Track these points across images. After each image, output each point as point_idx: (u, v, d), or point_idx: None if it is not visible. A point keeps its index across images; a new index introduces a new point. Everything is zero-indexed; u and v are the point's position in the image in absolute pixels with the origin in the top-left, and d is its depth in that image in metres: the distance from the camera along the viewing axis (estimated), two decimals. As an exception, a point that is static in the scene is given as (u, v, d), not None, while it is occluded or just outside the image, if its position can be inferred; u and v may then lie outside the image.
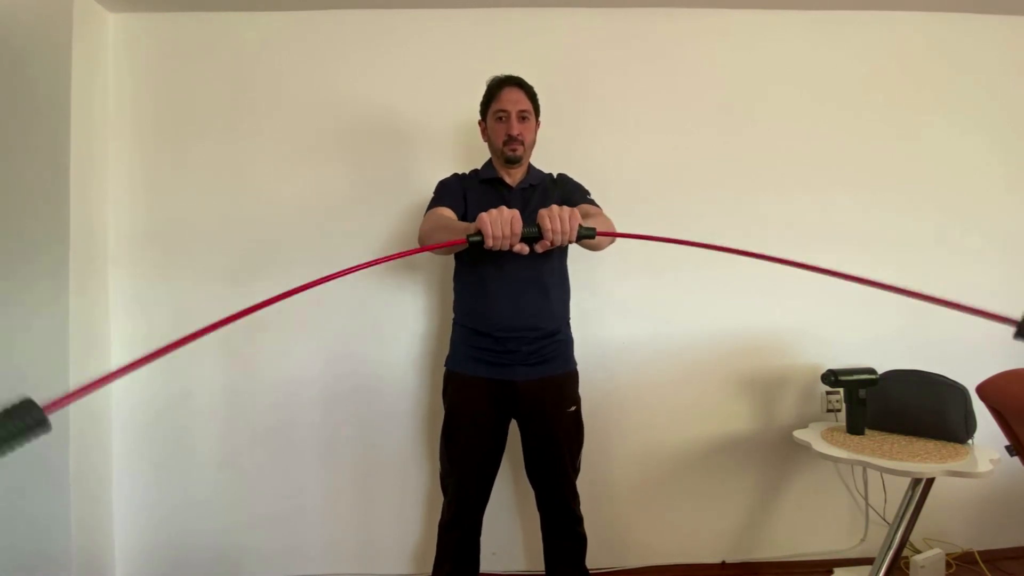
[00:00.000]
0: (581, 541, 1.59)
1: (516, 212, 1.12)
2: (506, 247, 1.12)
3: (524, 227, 1.13)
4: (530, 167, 1.65)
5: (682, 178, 2.05)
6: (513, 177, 1.61)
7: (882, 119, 2.10)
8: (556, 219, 1.12)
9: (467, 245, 1.14)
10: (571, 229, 1.13)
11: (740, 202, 2.05)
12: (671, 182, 2.04)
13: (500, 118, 1.57)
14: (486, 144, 1.66)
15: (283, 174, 1.99)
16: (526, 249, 1.15)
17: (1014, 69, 2.14)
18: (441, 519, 1.59)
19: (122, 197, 1.97)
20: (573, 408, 1.58)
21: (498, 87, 1.58)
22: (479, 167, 1.67)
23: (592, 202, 1.60)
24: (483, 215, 1.11)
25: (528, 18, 2.03)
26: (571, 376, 1.61)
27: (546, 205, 1.55)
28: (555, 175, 1.70)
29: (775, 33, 2.08)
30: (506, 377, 1.51)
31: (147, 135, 1.99)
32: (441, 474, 1.62)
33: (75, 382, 1.78)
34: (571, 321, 1.65)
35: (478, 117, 1.66)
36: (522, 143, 1.55)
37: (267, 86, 2.00)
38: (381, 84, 2.01)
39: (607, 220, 1.47)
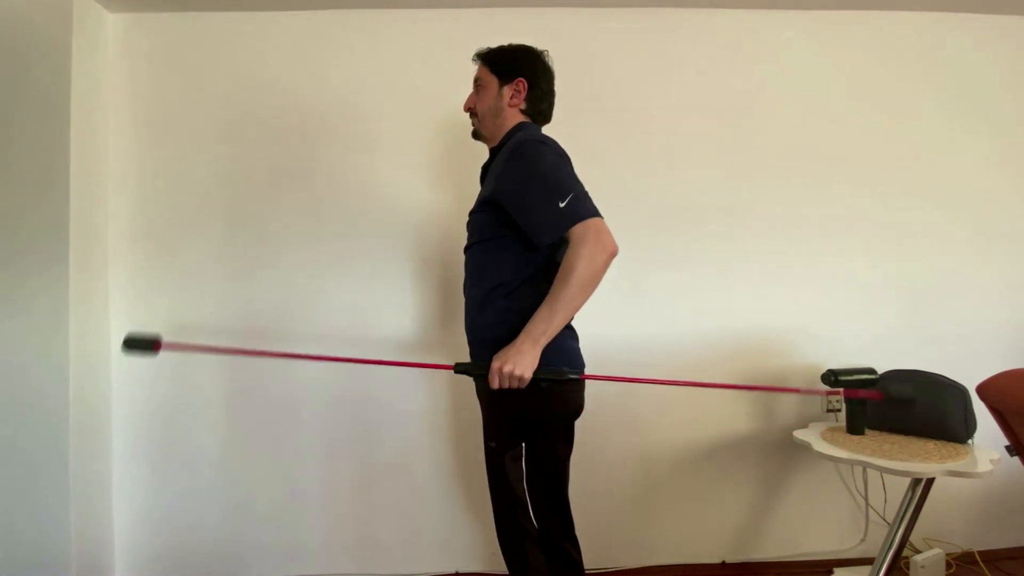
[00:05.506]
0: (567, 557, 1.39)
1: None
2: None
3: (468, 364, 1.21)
4: (507, 135, 1.39)
5: (681, 177, 2.04)
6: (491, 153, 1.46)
7: (882, 118, 2.10)
8: (505, 380, 1.15)
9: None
10: (520, 384, 1.16)
11: (740, 200, 2.05)
12: (670, 181, 2.04)
13: None
14: (482, 142, 1.58)
15: (281, 172, 1.99)
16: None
17: (1014, 69, 2.14)
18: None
19: (121, 196, 1.98)
20: None
21: None
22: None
23: (562, 214, 1.21)
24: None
25: (528, 18, 2.02)
26: None
27: (490, 184, 1.36)
28: (515, 142, 1.32)
29: (775, 33, 2.08)
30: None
31: (146, 134, 1.99)
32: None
33: (75, 376, 1.79)
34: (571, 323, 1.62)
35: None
36: (475, 115, 1.44)
37: (267, 86, 2.00)
38: (381, 84, 2.01)
39: (592, 245, 1.18)
